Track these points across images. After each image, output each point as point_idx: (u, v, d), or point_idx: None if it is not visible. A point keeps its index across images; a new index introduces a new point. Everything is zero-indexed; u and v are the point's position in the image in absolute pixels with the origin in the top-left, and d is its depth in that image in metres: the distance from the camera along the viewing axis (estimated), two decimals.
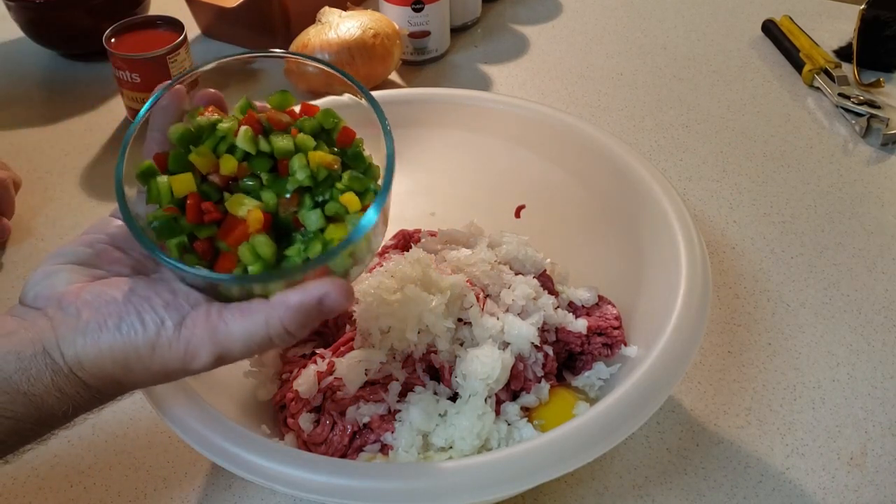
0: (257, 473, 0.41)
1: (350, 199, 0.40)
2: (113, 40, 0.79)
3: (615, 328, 0.53)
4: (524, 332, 0.50)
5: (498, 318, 0.51)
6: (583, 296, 0.56)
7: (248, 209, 0.39)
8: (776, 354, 0.59)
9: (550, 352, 0.52)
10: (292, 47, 0.82)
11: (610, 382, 0.52)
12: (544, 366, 0.51)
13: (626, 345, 0.53)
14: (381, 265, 0.53)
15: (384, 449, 0.48)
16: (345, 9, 0.84)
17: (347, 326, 0.53)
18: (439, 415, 0.48)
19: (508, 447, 0.42)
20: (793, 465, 0.53)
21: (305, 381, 0.50)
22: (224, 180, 0.40)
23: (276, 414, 0.52)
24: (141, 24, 0.81)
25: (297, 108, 0.43)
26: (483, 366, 0.48)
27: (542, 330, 0.52)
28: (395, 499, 0.40)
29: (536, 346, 0.51)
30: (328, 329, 0.55)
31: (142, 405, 0.57)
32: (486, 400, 0.48)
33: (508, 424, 0.49)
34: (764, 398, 0.57)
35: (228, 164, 0.40)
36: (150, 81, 0.78)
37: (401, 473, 0.41)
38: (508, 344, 0.50)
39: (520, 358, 0.50)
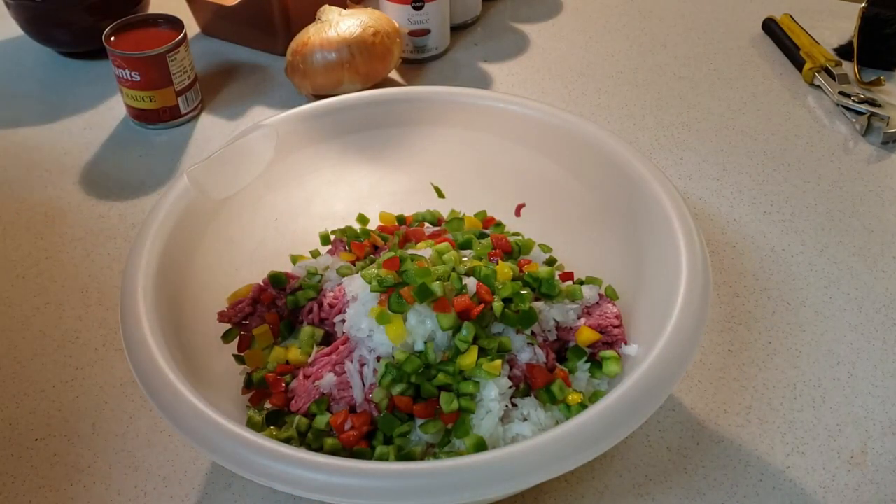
0: (257, 472, 0.41)
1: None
2: (112, 38, 0.79)
3: (615, 327, 0.53)
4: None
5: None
6: (583, 294, 0.55)
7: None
8: (776, 353, 0.59)
9: (550, 352, 0.52)
10: (292, 45, 0.82)
11: (610, 381, 0.52)
12: (546, 363, 0.51)
13: (626, 343, 0.53)
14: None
15: None
16: (345, 7, 0.84)
17: (340, 331, 0.53)
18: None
19: (508, 446, 0.42)
20: (793, 463, 0.53)
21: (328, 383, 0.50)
22: None
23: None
24: (140, 23, 0.81)
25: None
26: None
27: (543, 329, 0.52)
28: (395, 497, 0.40)
29: (538, 346, 0.51)
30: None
31: (142, 404, 0.57)
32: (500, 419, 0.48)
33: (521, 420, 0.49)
34: (764, 397, 0.57)
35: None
36: (149, 79, 0.78)
37: (400, 472, 0.41)
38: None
39: (516, 365, 0.50)
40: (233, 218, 0.58)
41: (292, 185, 0.62)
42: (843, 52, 0.87)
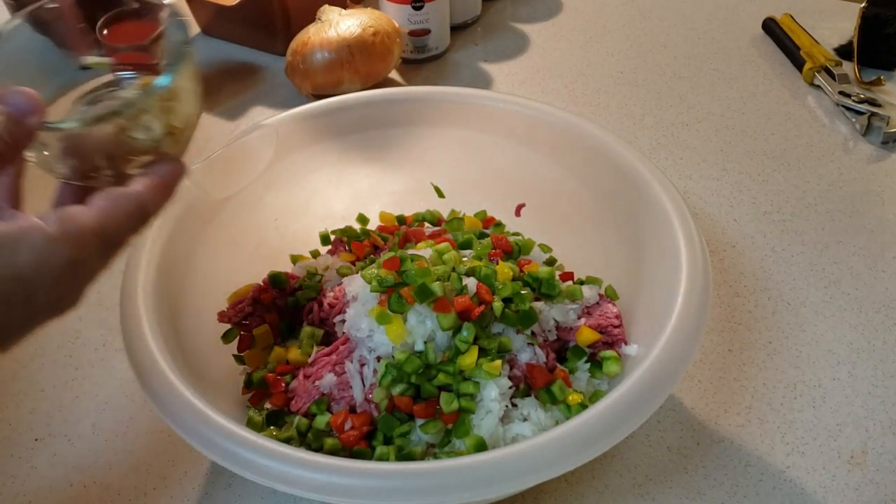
0: (258, 472, 0.41)
1: None
2: (105, 32, 0.79)
3: (615, 327, 0.53)
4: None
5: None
6: (583, 294, 0.55)
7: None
8: (776, 353, 0.59)
9: (550, 352, 0.52)
10: (292, 45, 0.82)
11: (610, 381, 0.52)
12: (546, 363, 0.51)
13: (626, 343, 0.53)
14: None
15: None
16: (345, 6, 0.84)
17: (340, 331, 0.53)
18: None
19: (508, 446, 0.42)
20: (793, 463, 0.53)
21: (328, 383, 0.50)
22: None
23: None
24: (134, 14, 0.81)
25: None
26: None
27: (544, 330, 0.52)
28: (396, 497, 0.40)
29: (538, 346, 0.51)
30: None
31: (142, 404, 0.57)
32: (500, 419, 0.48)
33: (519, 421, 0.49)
34: (764, 397, 0.57)
35: None
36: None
37: (401, 472, 0.41)
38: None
39: (516, 365, 0.50)
40: (233, 218, 0.58)
41: (292, 185, 0.62)
42: (843, 52, 0.87)
